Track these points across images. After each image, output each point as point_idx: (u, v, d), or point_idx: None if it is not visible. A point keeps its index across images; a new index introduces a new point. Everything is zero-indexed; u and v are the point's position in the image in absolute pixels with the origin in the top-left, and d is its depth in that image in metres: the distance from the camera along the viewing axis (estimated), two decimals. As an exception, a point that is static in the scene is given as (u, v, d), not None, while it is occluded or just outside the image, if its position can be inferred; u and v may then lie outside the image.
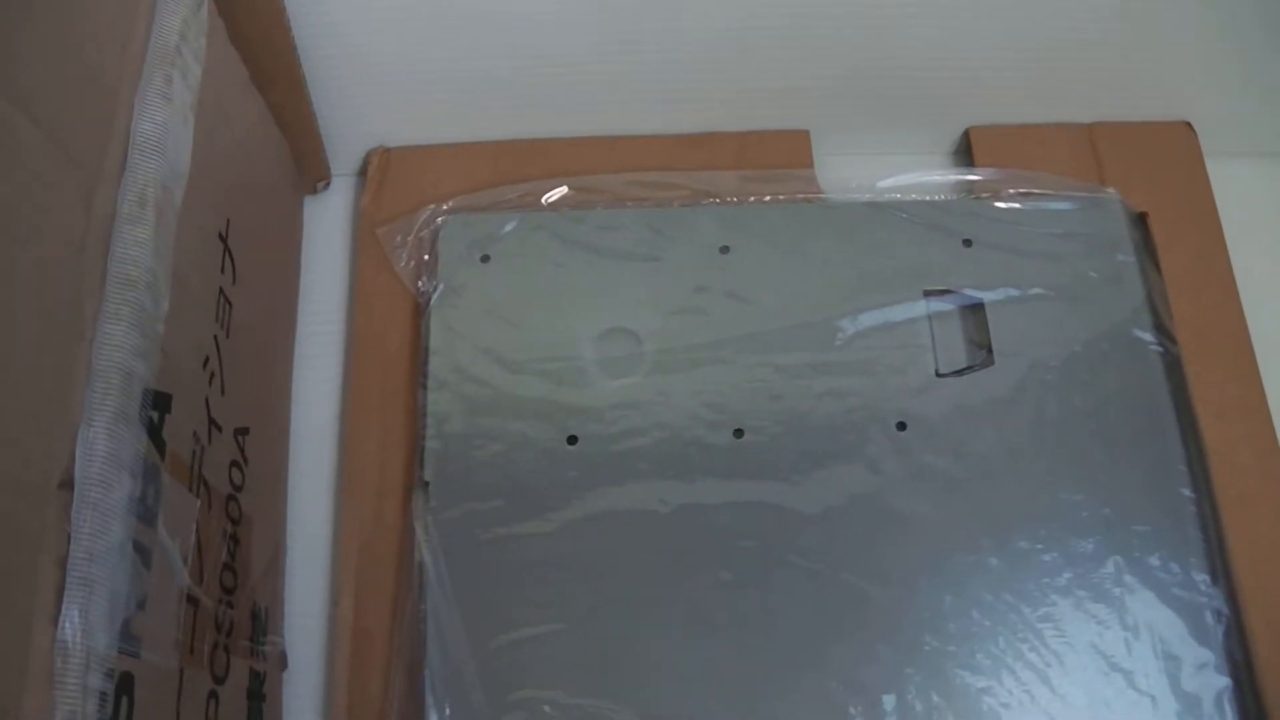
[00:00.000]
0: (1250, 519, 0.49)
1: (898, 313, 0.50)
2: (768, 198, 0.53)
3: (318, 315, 0.53)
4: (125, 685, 0.33)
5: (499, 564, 0.47)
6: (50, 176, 0.33)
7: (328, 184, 0.56)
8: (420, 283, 0.51)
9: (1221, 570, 0.47)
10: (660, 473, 0.48)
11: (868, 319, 0.50)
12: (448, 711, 0.45)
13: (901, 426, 0.48)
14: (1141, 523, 0.47)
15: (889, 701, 0.45)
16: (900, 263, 0.51)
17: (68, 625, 0.31)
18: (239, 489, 0.44)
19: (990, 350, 0.50)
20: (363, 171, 0.56)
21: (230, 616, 0.43)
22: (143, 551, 0.35)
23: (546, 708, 0.44)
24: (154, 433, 0.36)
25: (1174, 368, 0.50)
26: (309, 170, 0.55)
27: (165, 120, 0.38)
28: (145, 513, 0.35)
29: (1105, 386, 0.49)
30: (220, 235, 0.43)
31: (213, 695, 0.41)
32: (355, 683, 0.46)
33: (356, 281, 0.52)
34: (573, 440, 0.48)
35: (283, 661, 0.48)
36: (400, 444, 0.49)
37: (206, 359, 0.41)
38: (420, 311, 0.51)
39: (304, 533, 0.50)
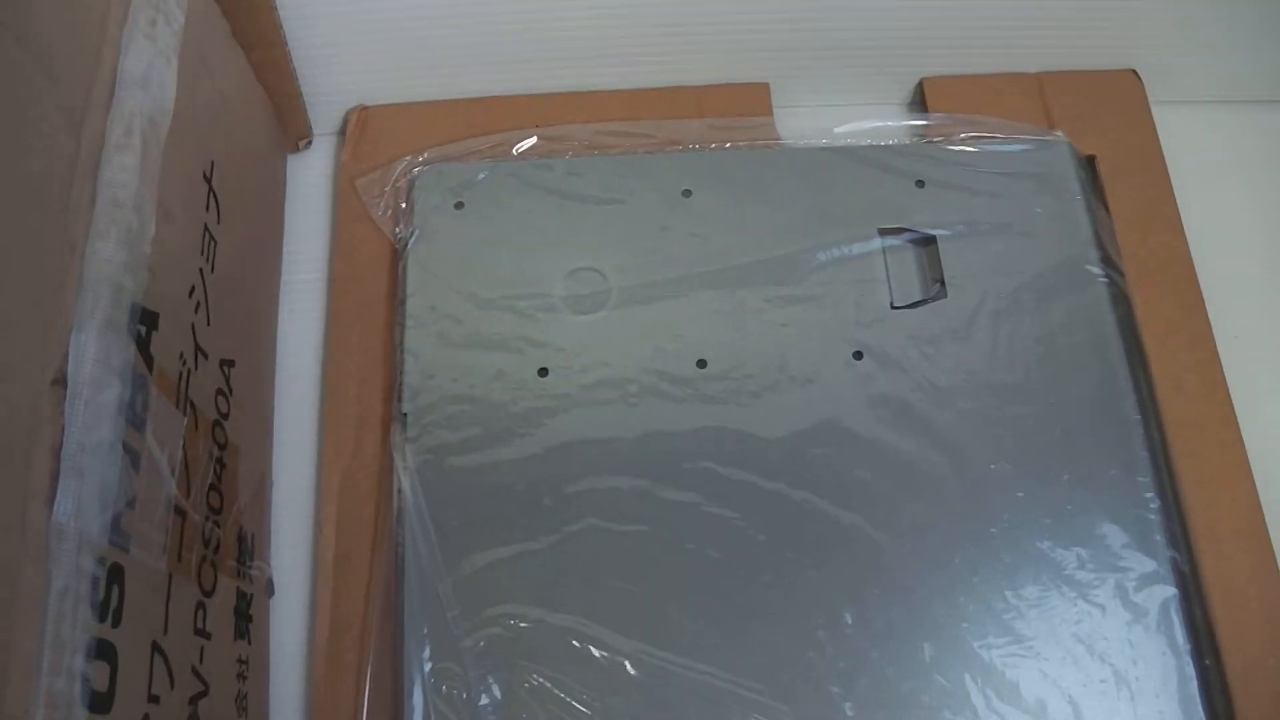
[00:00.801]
0: (1195, 440, 0.51)
1: (853, 249, 0.53)
2: (729, 145, 0.56)
3: (301, 264, 0.56)
4: (116, 575, 0.36)
5: (473, 490, 0.49)
6: (40, 100, 0.36)
7: (309, 142, 0.59)
8: (398, 230, 0.54)
9: (1169, 487, 0.50)
10: (626, 401, 0.51)
11: (824, 256, 0.53)
12: (424, 630, 0.47)
13: (858, 355, 0.51)
14: (1091, 441, 0.50)
15: (849, 617, 0.47)
16: (855, 203, 0.54)
17: (61, 507, 0.34)
18: (225, 416, 0.47)
19: (943, 283, 0.53)
20: (343, 130, 0.59)
21: (217, 535, 0.45)
22: (132, 454, 0.38)
23: (521, 623, 0.47)
24: (142, 346, 0.39)
25: (1120, 299, 0.53)
26: (291, 128, 0.58)
27: (150, 59, 0.42)
28: (134, 418, 0.38)
29: (1054, 315, 0.52)
30: (205, 176, 0.46)
31: (200, 606, 0.44)
32: (337, 607, 0.49)
33: (337, 231, 0.55)
34: (543, 372, 0.51)
35: (269, 588, 0.51)
36: (379, 381, 0.52)
37: (193, 288, 0.44)
38: (398, 257, 0.54)
39: (289, 467, 0.52)
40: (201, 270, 0.45)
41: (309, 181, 0.58)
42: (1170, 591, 0.48)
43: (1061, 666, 0.46)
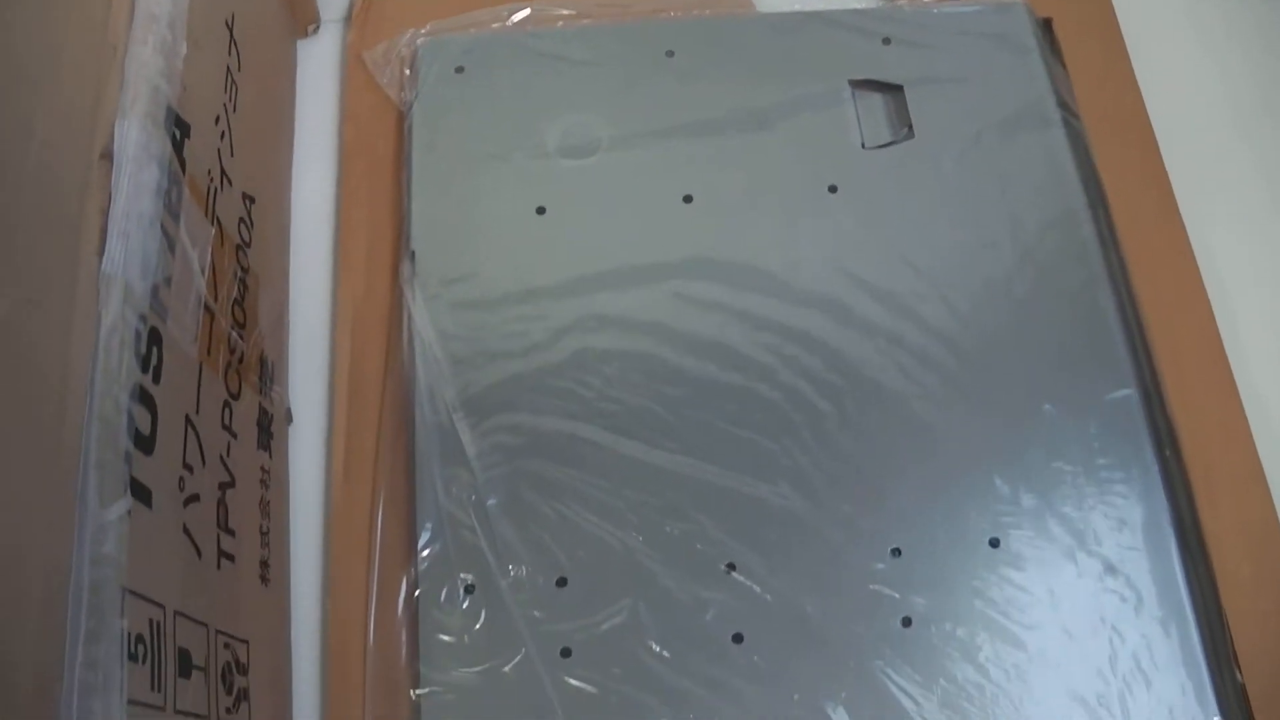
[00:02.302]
0: (1151, 263, 0.56)
1: (825, 99, 0.58)
2: (708, 12, 0.61)
3: (313, 133, 0.62)
4: (155, 339, 0.41)
5: (477, 317, 0.54)
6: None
7: (317, 27, 0.64)
8: (403, 94, 0.60)
9: (1128, 304, 0.54)
10: (620, 234, 0.56)
11: (797, 105, 0.58)
12: (435, 441, 0.52)
13: (833, 189, 0.56)
14: (1053, 260, 0.55)
15: (831, 425, 0.52)
16: (827, 60, 0.60)
17: (109, 260, 0.39)
18: (247, 244, 0.52)
19: (910, 127, 0.58)
20: (349, 16, 0.64)
21: (241, 348, 0.50)
22: (168, 238, 0.43)
23: (523, 431, 0.52)
24: (177, 147, 0.44)
25: (1078, 140, 0.58)
26: (300, 14, 0.64)
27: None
28: (170, 207, 0.43)
29: (1016, 152, 0.57)
30: (226, 24, 0.51)
31: (227, 406, 0.48)
32: (353, 429, 0.54)
33: (346, 100, 0.61)
34: (541, 210, 0.56)
35: (288, 416, 0.55)
36: (388, 230, 0.57)
37: (218, 118, 0.49)
38: (403, 120, 0.59)
39: (305, 309, 0.58)
40: (225, 105, 0.50)
41: (319, 63, 0.63)
42: (1130, 392, 0.53)
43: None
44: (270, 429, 0.53)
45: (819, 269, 0.55)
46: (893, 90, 0.59)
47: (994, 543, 0.50)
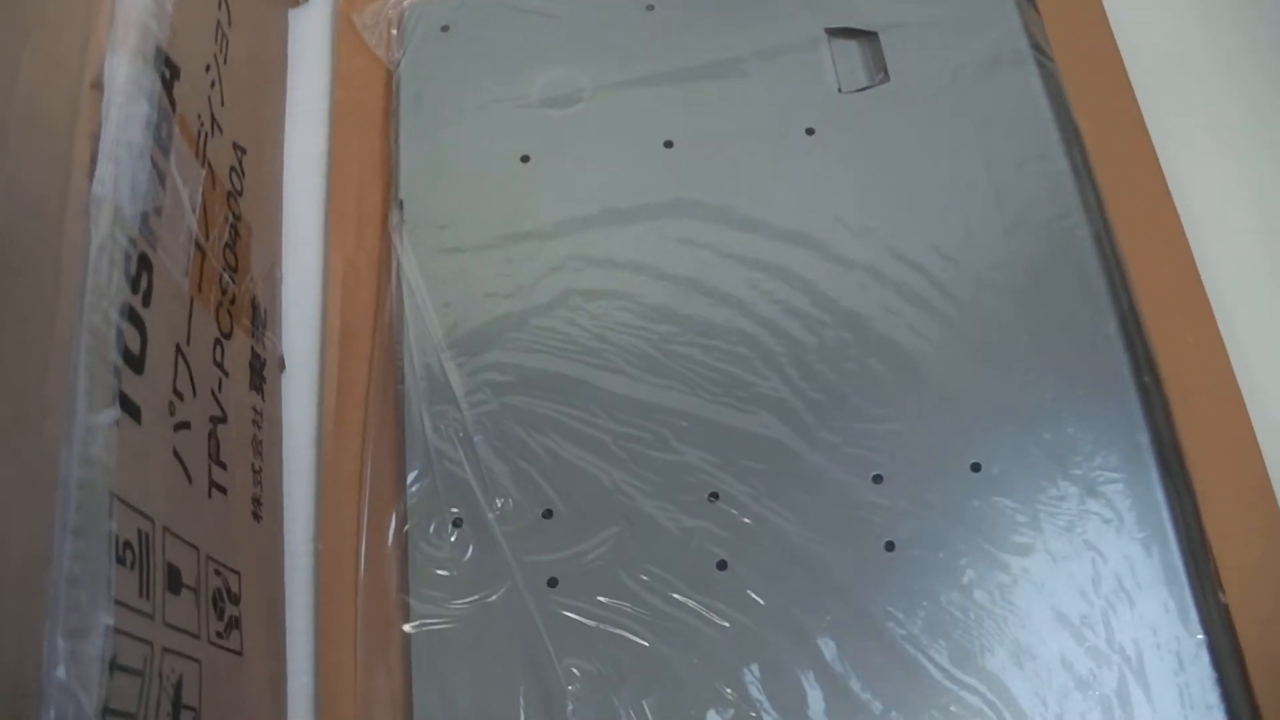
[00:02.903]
0: (1127, 196, 0.57)
1: (801, 46, 0.60)
2: (689, -38, 0.64)
3: (304, 97, 0.63)
4: (145, 264, 0.43)
5: (463, 261, 0.56)
6: None
7: (308, -3, 0.67)
8: (391, 54, 0.61)
9: (1104, 235, 0.55)
10: (603, 180, 0.57)
11: (774, 52, 0.60)
12: (423, 382, 0.54)
13: (810, 132, 0.58)
14: (1030, 191, 0.56)
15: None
16: (802, 7, 0.61)
17: (99, 182, 0.41)
18: (239, 193, 0.54)
19: (885, 72, 0.59)
20: (339, -17, 0.67)
21: (233, 290, 0.52)
22: (158, 170, 0.44)
23: (509, 369, 0.54)
24: (167, 86, 0.46)
25: (1051, 79, 0.59)
26: (290, -19, 0.66)
27: None
28: (160, 141, 0.45)
29: (991, 97, 0.59)
30: (215, -21, 0.54)
31: (219, 343, 0.50)
32: (344, 373, 0.55)
33: (337, 63, 0.63)
34: (525, 159, 0.58)
35: (281, 364, 0.57)
36: (378, 184, 0.59)
37: (208, 66, 0.51)
38: (391, 78, 0.61)
39: (297, 260, 0.60)
40: (215, 56, 0.52)
41: (313, 29, 0.65)
42: (1108, 321, 0.54)
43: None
44: (263, 373, 0.55)
45: (798, 208, 0.56)
46: (868, 36, 0.60)
47: (975, 467, 0.51)
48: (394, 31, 0.62)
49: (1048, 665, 0.48)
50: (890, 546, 0.50)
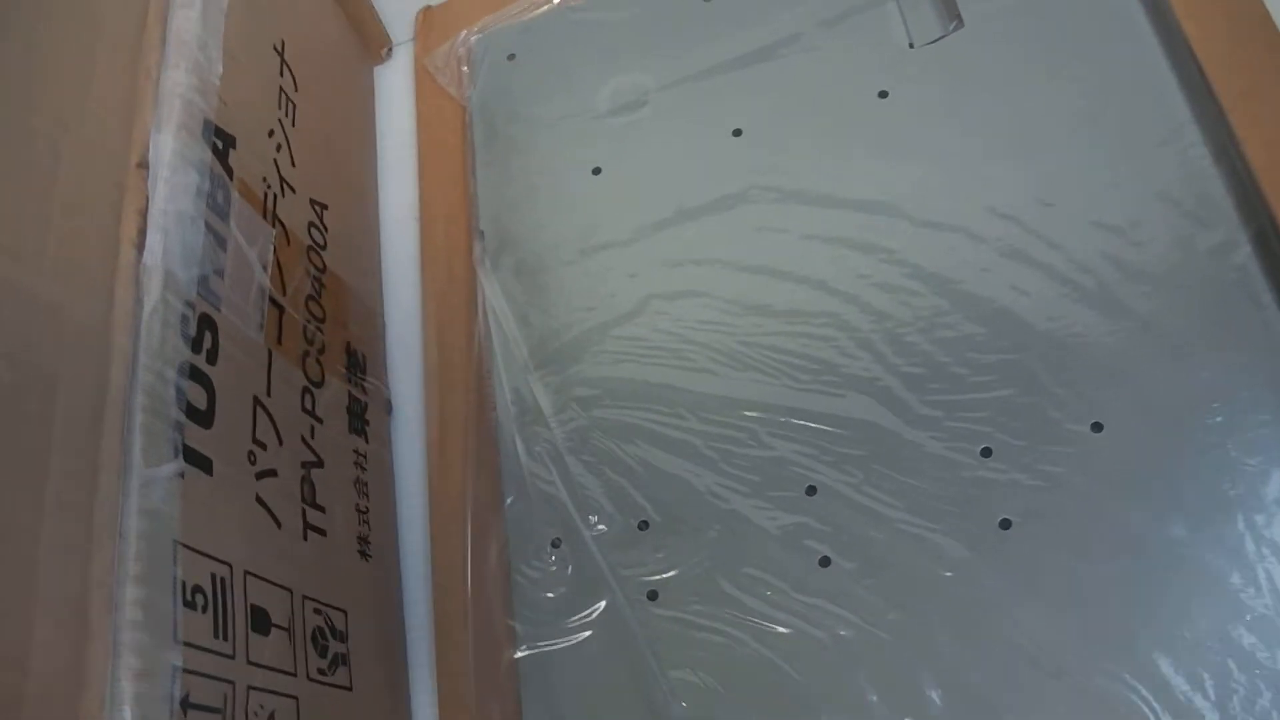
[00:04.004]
0: (1260, 110, 0.50)
1: (865, 4, 0.57)
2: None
3: (397, 143, 0.66)
4: (207, 323, 0.45)
5: (544, 283, 0.56)
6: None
7: (390, 50, 0.70)
8: (463, 90, 0.63)
9: (1240, 164, 0.50)
10: (675, 179, 0.57)
11: (838, 18, 0.57)
12: (514, 408, 0.54)
13: (883, 95, 0.55)
14: (1130, 122, 0.51)
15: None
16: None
17: (149, 252, 0.44)
18: (320, 246, 0.56)
19: (959, 17, 0.55)
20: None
21: (321, 339, 0.54)
22: (216, 235, 0.47)
23: (596, 380, 0.54)
24: (220, 155, 0.49)
25: None
26: (371, 39, 0.69)
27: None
28: (215, 206, 0.48)
29: (1075, 18, 0.54)
30: (275, 48, 0.57)
31: (307, 392, 0.52)
32: (445, 410, 0.57)
33: (419, 107, 0.65)
34: (597, 171, 0.58)
35: (387, 406, 0.59)
36: (463, 217, 0.61)
37: (271, 131, 0.54)
38: (465, 115, 0.63)
39: (401, 305, 0.62)
40: (280, 121, 0.55)
41: (397, 82, 0.69)
42: (1241, 244, 0.48)
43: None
44: (364, 416, 0.57)
45: (877, 177, 0.53)
46: (937, -14, 0.57)
47: (1096, 427, 0.46)
48: (464, 69, 0.63)
49: (1203, 642, 0.43)
50: (1006, 524, 0.46)
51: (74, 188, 0.42)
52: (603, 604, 0.50)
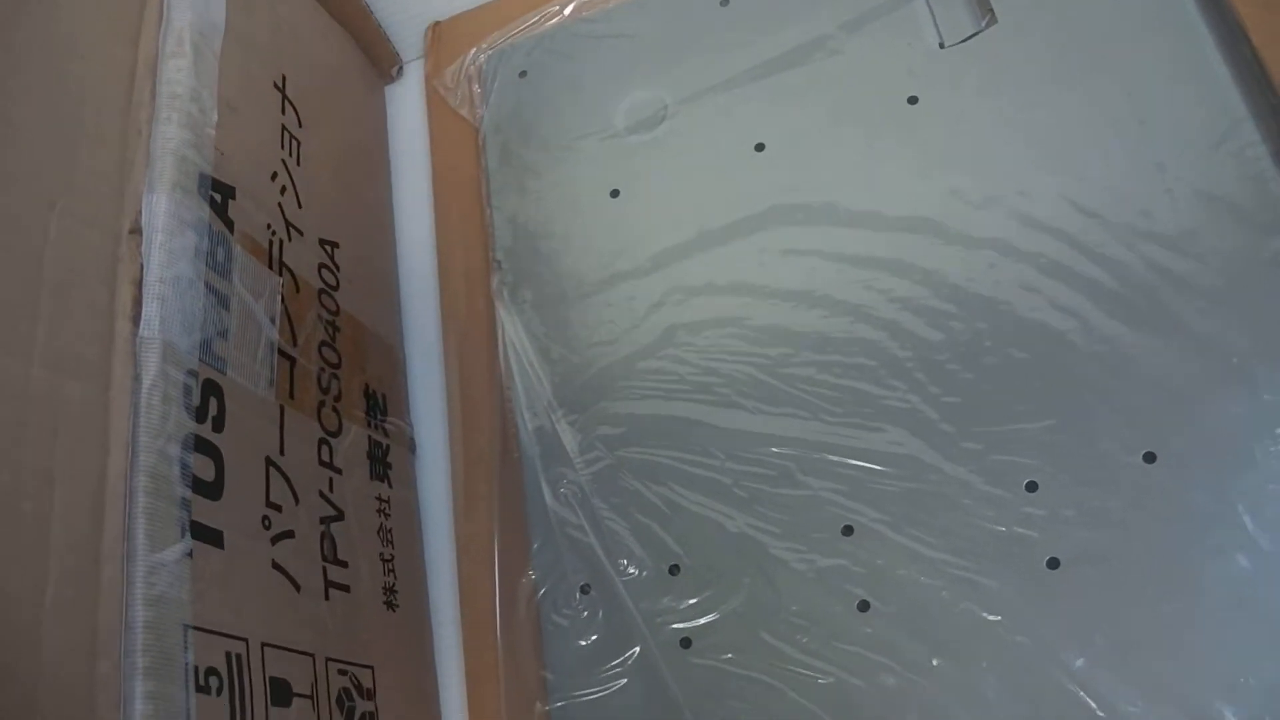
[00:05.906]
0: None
1: (891, 3, 0.54)
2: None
3: (410, 166, 0.65)
4: (212, 389, 0.45)
5: (564, 316, 0.55)
6: (98, 17, 0.47)
7: (400, 69, 0.68)
8: (475, 110, 0.62)
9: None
10: (695, 200, 0.55)
11: (862, 20, 0.55)
12: (537, 448, 0.53)
13: (913, 101, 0.52)
14: (1180, 123, 0.48)
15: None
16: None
17: (146, 324, 0.43)
18: (333, 288, 0.56)
19: (992, 12, 0.52)
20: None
21: (337, 386, 0.54)
22: (218, 294, 0.47)
23: (621, 417, 0.52)
24: (219, 209, 0.48)
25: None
26: (380, 59, 0.68)
27: (198, -18, 0.52)
28: (216, 265, 0.47)
29: (1119, 10, 0.51)
30: (276, 85, 0.56)
31: (324, 443, 0.52)
32: (469, 449, 0.56)
33: (431, 130, 0.64)
34: (615, 194, 0.57)
35: (411, 445, 0.58)
36: (479, 245, 0.60)
37: (275, 174, 0.53)
38: (478, 137, 0.61)
39: (421, 340, 0.61)
40: (285, 162, 0.54)
41: (408, 101, 0.67)
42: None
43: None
44: (386, 459, 0.56)
45: (908, 189, 0.51)
46: (966, -19, 0.54)
47: (1149, 457, 0.44)
48: (476, 88, 0.62)
49: (1268, 689, 0.41)
50: (1054, 564, 0.44)
51: (63, 266, 0.42)
52: (635, 650, 0.49)
